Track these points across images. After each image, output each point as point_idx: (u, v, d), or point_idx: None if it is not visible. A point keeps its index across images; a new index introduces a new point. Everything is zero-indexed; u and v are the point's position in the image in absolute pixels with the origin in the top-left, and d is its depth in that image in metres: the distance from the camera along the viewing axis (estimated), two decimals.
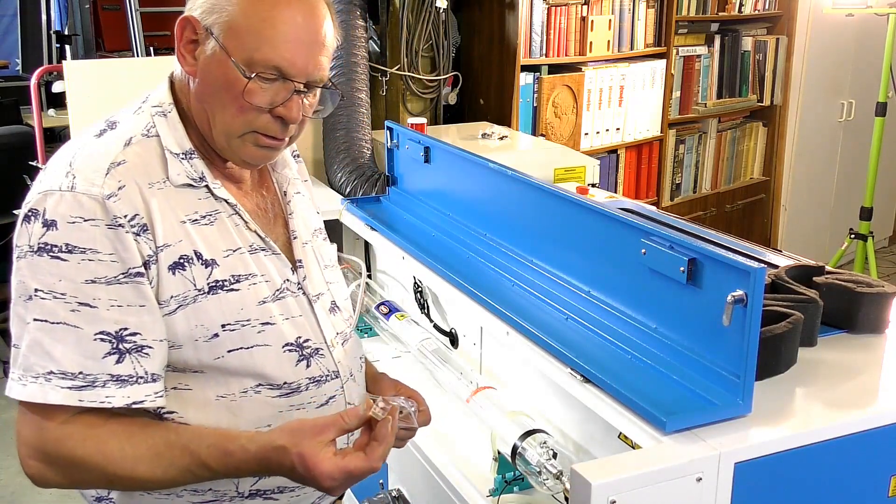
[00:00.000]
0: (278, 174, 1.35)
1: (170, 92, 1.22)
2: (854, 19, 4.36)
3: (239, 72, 1.13)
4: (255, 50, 1.12)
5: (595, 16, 3.52)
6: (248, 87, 1.13)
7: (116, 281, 1.07)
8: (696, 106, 4.17)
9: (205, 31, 1.15)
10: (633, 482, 1.01)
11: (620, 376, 1.23)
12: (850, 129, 5.01)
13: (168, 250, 1.12)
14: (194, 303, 1.13)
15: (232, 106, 1.15)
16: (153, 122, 1.19)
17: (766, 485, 1.10)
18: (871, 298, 1.39)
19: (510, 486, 1.49)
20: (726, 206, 4.47)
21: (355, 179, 2.68)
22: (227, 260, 1.17)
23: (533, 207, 1.62)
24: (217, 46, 1.14)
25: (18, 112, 4.83)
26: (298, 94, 1.16)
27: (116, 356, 1.06)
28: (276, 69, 1.13)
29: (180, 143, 1.19)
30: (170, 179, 1.15)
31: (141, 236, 1.09)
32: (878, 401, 1.22)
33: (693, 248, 1.19)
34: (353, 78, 2.82)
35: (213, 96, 1.17)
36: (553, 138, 3.41)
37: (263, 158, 1.23)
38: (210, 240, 1.17)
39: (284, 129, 1.18)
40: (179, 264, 1.13)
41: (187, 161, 1.18)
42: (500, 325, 1.50)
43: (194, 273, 1.14)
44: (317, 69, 1.17)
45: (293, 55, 1.14)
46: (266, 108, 1.15)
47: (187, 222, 1.15)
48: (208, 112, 1.18)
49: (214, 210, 1.19)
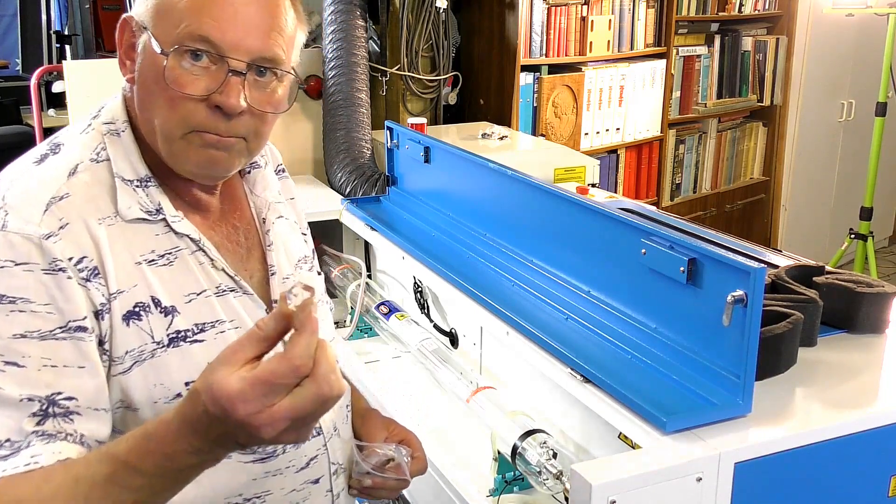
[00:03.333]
0: (257, 197, 1.16)
1: (123, 106, 1.05)
2: (854, 19, 4.36)
3: (161, 54, 0.96)
4: (181, 23, 0.95)
5: (595, 16, 3.52)
6: (168, 68, 0.95)
7: (52, 336, 0.90)
8: (696, 106, 4.17)
9: (140, 27, 1.00)
10: (633, 482, 1.01)
11: (620, 376, 1.23)
12: (850, 129, 5.01)
13: (122, 297, 0.96)
14: (152, 358, 0.97)
15: (163, 100, 0.97)
16: (104, 143, 1.02)
17: (766, 485, 1.10)
18: (871, 298, 1.39)
19: (510, 486, 1.49)
20: (726, 206, 4.47)
21: (355, 179, 2.68)
22: (189, 306, 1.01)
23: (533, 207, 1.62)
24: (148, 37, 0.98)
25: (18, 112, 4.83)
26: (237, 75, 0.96)
27: (41, 418, 0.88)
28: (203, 40, 0.95)
29: (134, 169, 1.01)
30: (119, 213, 0.98)
31: (91, 282, 0.93)
32: (878, 401, 1.22)
33: (693, 248, 1.19)
34: (353, 78, 2.82)
35: (148, 97, 1.00)
36: (553, 138, 3.41)
37: (212, 163, 1.01)
38: (169, 283, 1.00)
39: (228, 125, 0.98)
40: (135, 313, 0.96)
41: (142, 190, 1.01)
42: (500, 325, 1.50)
43: (152, 323, 0.97)
44: (265, 47, 0.97)
45: (225, 25, 0.95)
46: (198, 95, 0.96)
47: (143, 263, 0.98)
48: (150, 119, 1.00)
49: (174, 247, 1.02)
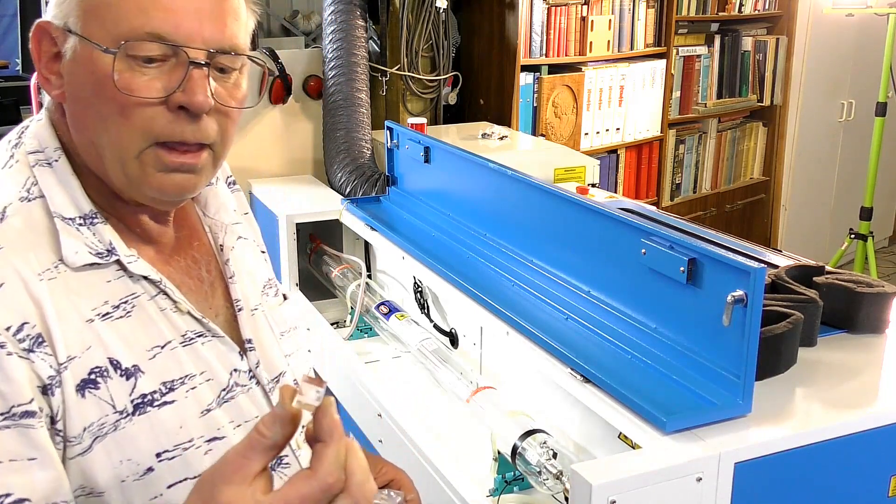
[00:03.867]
0: (211, 220, 1.01)
1: (52, 130, 0.88)
2: (854, 19, 4.36)
3: (105, 56, 0.81)
4: (121, 20, 0.81)
5: (595, 16, 3.51)
6: (117, 70, 0.81)
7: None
8: (696, 106, 4.17)
9: (62, 31, 0.84)
10: (633, 482, 1.01)
11: (620, 376, 1.23)
12: (850, 129, 5.01)
13: (74, 365, 0.80)
14: (115, 431, 0.82)
15: (111, 112, 0.82)
16: (34, 178, 0.85)
17: (766, 485, 1.10)
18: (871, 298, 1.39)
19: (510, 486, 1.49)
20: (726, 206, 4.46)
21: (355, 179, 2.68)
22: (154, 363, 0.85)
23: (533, 207, 1.62)
24: (78, 41, 0.83)
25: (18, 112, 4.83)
26: (199, 68, 0.83)
27: None
28: (155, 37, 0.81)
29: (76, 204, 0.85)
30: (65, 261, 0.82)
31: (35, 353, 0.77)
32: (878, 401, 1.22)
33: (693, 248, 1.19)
34: (353, 78, 2.82)
35: (89, 113, 0.84)
36: (553, 138, 3.41)
37: (178, 189, 0.87)
38: (129, 338, 0.84)
39: (195, 128, 0.84)
40: (91, 381, 0.81)
41: (87, 228, 0.85)
42: (500, 325, 1.50)
43: (112, 390, 0.82)
44: (222, 34, 0.85)
45: (176, 14, 0.82)
46: (157, 97, 0.82)
47: (96, 319, 0.83)
48: (93, 140, 0.84)
49: (130, 294, 0.86)
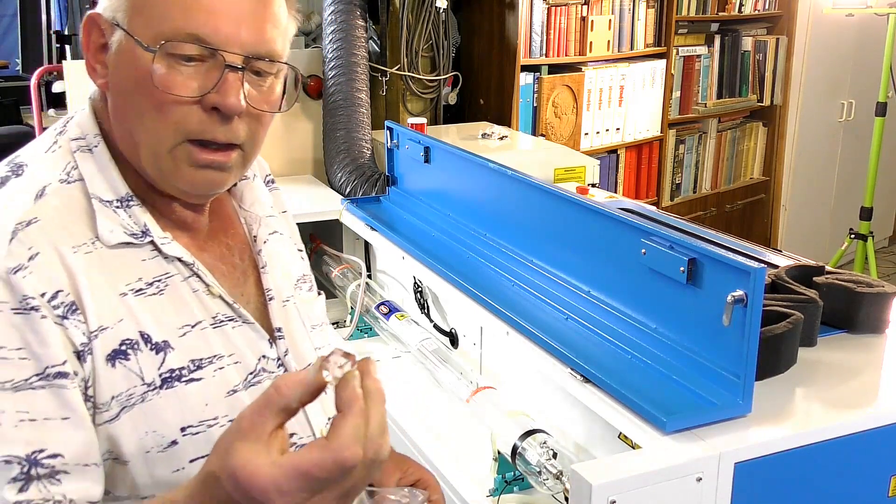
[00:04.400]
0: (247, 213, 1.05)
1: (93, 118, 0.93)
2: (854, 19, 4.36)
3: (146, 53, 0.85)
4: (164, 19, 0.85)
5: (595, 16, 3.51)
6: (155, 69, 0.84)
7: (28, 385, 0.78)
8: (696, 106, 4.17)
9: (110, 24, 0.88)
10: (633, 482, 1.01)
11: (620, 376, 1.23)
12: (850, 129, 5.01)
13: (105, 335, 0.84)
14: (143, 402, 0.85)
15: (149, 107, 0.86)
16: (74, 162, 0.90)
17: (766, 485, 1.10)
18: (871, 298, 1.39)
19: (510, 486, 1.49)
20: (726, 206, 4.46)
21: (355, 179, 2.68)
22: (183, 340, 0.89)
23: (533, 207, 1.62)
24: (123, 35, 0.87)
25: (18, 112, 4.83)
26: (235, 71, 0.86)
27: (22, 482, 0.76)
28: (194, 37, 0.85)
29: (113, 187, 0.90)
30: (101, 238, 0.87)
31: (69, 320, 0.81)
32: (878, 401, 1.22)
33: (693, 248, 1.19)
34: (353, 78, 2.82)
35: (128, 105, 0.88)
36: (553, 138, 3.41)
37: (208, 184, 0.91)
38: (160, 315, 0.88)
39: (227, 128, 0.88)
40: (121, 353, 0.84)
41: (124, 210, 0.89)
42: (500, 325, 1.50)
43: (141, 362, 0.85)
44: (260, 40, 0.88)
45: (217, 18, 0.85)
46: (192, 96, 0.86)
47: (129, 294, 0.87)
48: (130, 131, 0.89)
49: (164, 273, 0.90)
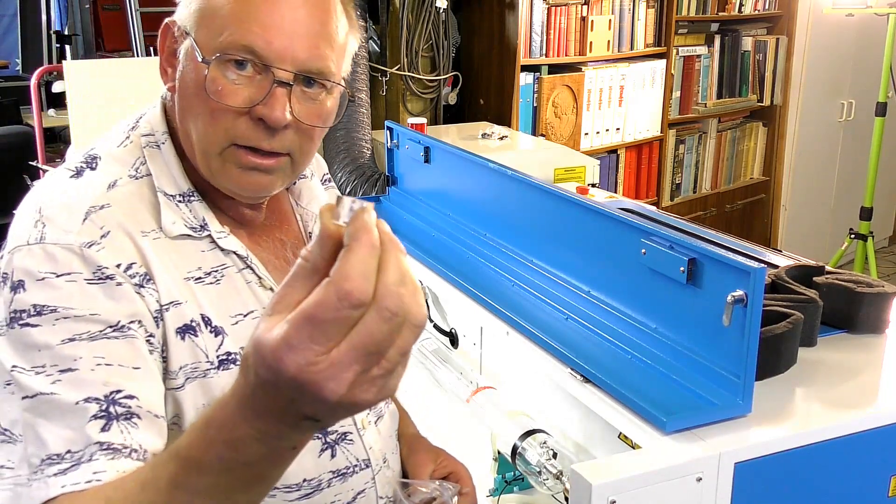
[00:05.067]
0: (303, 210, 1.11)
1: (163, 116, 1.00)
2: (854, 19, 4.36)
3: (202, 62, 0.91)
4: (223, 31, 0.90)
5: (595, 16, 3.52)
6: (209, 77, 0.90)
7: (103, 335, 0.84)
8: (696, 106, 4.17)
9: (181, 31, 0.95)
10: (633, 482, 1.01)
11: (620, 376, 1.23)
12: (850, 129, 5.01)
13: (175, 310, 0.91)
14: (204, 377, 0.92)
15: (202, 111, 0.92)
16: (143, 157, 0.97)
17: (766, 485, 1.10)
18: (871, 298, 1.39)
19: (510, 486, 1.49)
20: (726, 206, 4.47)
21: (355, 179, 2.68)
22: (236, 328, 0.95)
23: (533, 207, 1.62)
24: (190, 44, 0.93)
25: (18, 112, 4.83)
26: (283, 86, 0.91)
27: (104, 421, 0.80)
28: (248, 50, 0.89)
29: (177, 183, 0.97)
30: (163, 229, 0.94)
31: (144, 288, 0.88)
32: (878, 401, 1.21)
33: (693, 248, 1.19)
34: (353, 78, 2.82)
35: (188, 108, 0.94)
36: (553, 138, 3.41)
37: (254, 186, 0.96)
38: (217, 302, 0.95)
39: (270, 138, 0.92)
40: (190, 328, 0.92)
41: (185, 205, 0.96)
42: (500, 325, 1.50)
43: (205, 342, 0.92)
44: (312, 58, 0.91)
45: (271, 33, 0.89)
46: (240, 106, 0.91)
47: (191, 280, 0.94)
48: (188, 132, 0.96)
49: (221, 265, 0.97)
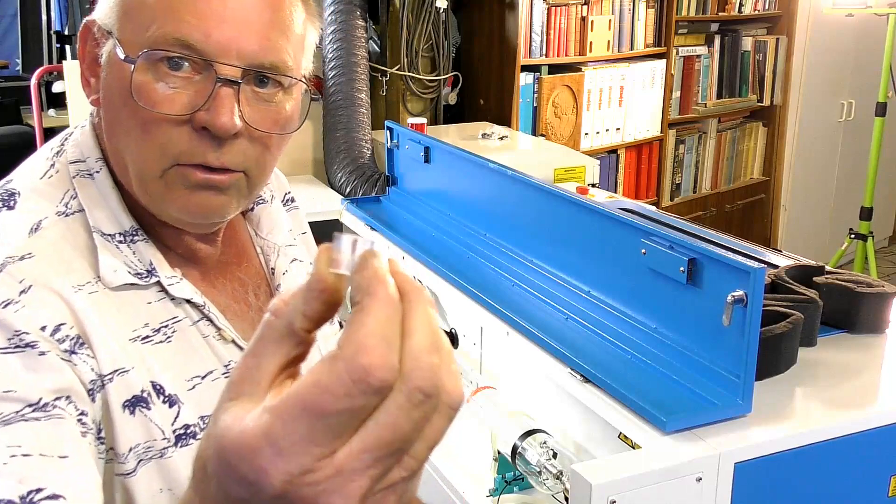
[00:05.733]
0: (264, 241, 0.94)
1: (94, 138, 0.83)
2: (854, 19, 4.36)
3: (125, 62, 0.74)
4: (152, 23, 0.74)
5: (595, 16, 3.51)
6: (136, 81, 0.73)
7: (20, 418, 0.66)
8: (696, 106, 4.17)
9: (103, 31, 0.79)
10: (633, 482, 1.01)
11: (620, 376, 1.23)
12: (850, 129, 5.01)
13: (121, 380, 0.74)
14: (161, 458, 0.76)
15: (133, 125, 0.75)
16: (73, 190, 0.80)
17: (766, 485, 1.10)
18: (871, 298, 1.39)
19: (510, 486, 1.49)
20: (726, 206, 4.46)
21: (355, 179, 2.68)
22: (193, 394, 0.79)
23: (533, 207, 1.62)
24: (114, 44, 0.76)
25: (18, 112, 4.83)
26: (229, 86, 0.74)
27: None
28: (182, 44, 0.73)
29: (116, 219, 0.80)
30: (102, 279, 0.76)
31: (77, 354, 0.71)
32: (878, 401, 1.22)
33: (693, 248, 1.19)
34: (353, 78, 2.82)
35: (116, 123, 0.77)
36: (553, 138, 3.41)
37: (205, 209, 0.79)
38: (170, 364, 0.79)
39: (218, 150, 0.75)
40: (141, 400, 0.75)
41: (128, 246, 0.79)
42: (500, 325, 1.50)
43: (160, 415, 0.76)
44: (263, 49, 0.76)
45: (210, 22, 0.73)
46: (177, 114, 0.74)
47: (137, 340, 0.77)
48: (120, 154, 0.78)
49: (172, 318, 0.80)
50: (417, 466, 0.41)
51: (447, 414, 0.42)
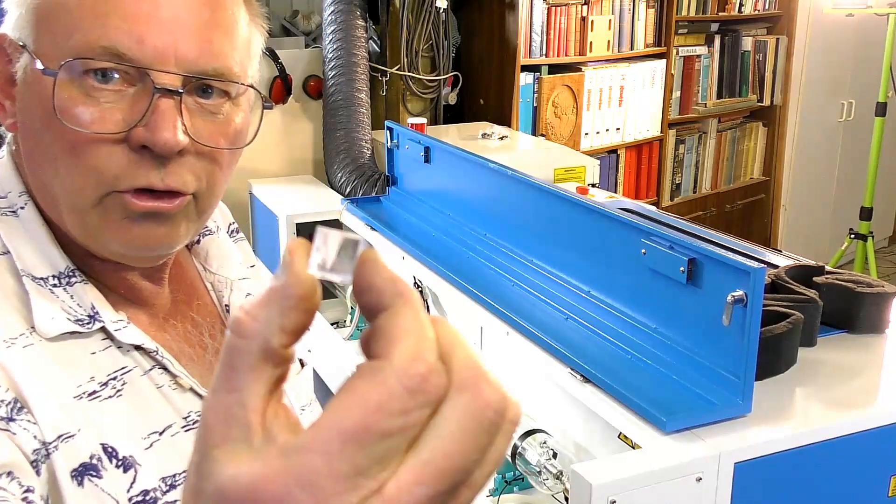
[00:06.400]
0: (213, 276, 0.85)
1: (15, 170, 0.73)
2: (854, 19, 4.36)
3: (47, 78, 0.65)
4: (75, 31, 0.65)
5: (595, 16, 3.51)
6: (59, 96, 0.64)
7: None
8: (696, 106, 4.17)
9: (15, 45, 0.69)
10: (633, 482, 1.01)
11: (620, 376, 1.23)
12: (850, 129, 5.01)
13: (67, 446, 0.65)
14: None
15: (60, 149, 0.66)
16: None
17: (766, 485, 1.10)
18: (871, 298, 1.39)
19: (510, 486, 1.49)
20: (726, 206, 4.46)
21: (355, 179, 2.68)
22: (150, 453, 0.69)
23: (533, 207, 1.62)
24: (29, 59, 0.68)
25: None
26: (169, 96, 0.66)
27: None
28: (111, 52, 0.64)
29: (48, 260, 0.70)
30: (37, 329, 0.67)
31: (15, 422, 0.62)
32: (878, 401, 1.22)
33: (693, 248, 1.19)
34: (353, 78, 2.82)
35: (38, 150, 0.68)
36: (553, 138, 3.41)
37: (150, 241, 0.70)
38: (121, 423, 0.69)
39: (161, 171, 0.66)
40: (90, 468, 0.66)
41: (63, 289, 0.69)
42: (500, 325, 1.50)
43: (112, 482, 0.67)
44: (205, 54, 0.67)
45: (142, 26, 0.65)
46: (111, 132, 0.65)
47: (83, 398, 0.67)
48: (45, 184, 0.69)
49: (120, 368, 0.71)
50: (473, 497, 0.34)
51: (510, 432, 0.35)
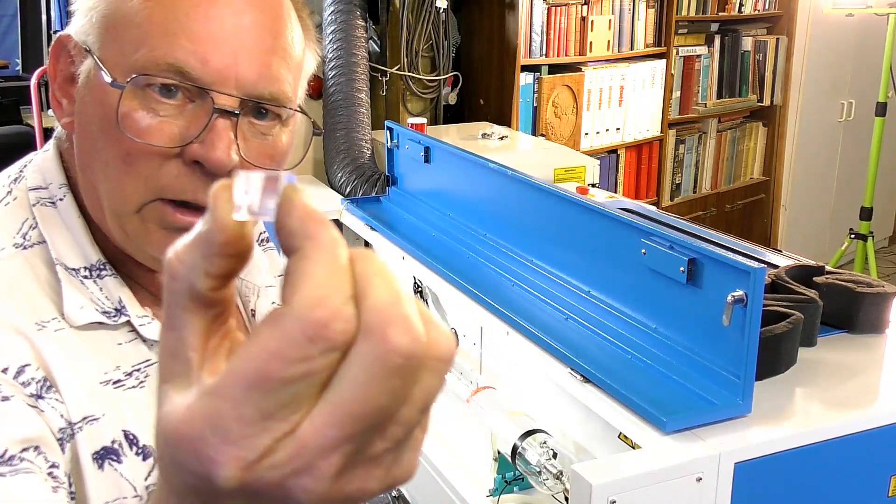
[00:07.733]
0: (241, 281, 0.87)
1: (59, 163, 0.76)
2: (854, 19, 4.36)
3: (113, 89, 0.67)
4: (141, 44, 0.67)
5: (595, 16, 3.52)
6: (123, 108, 0.67)
7: None
8: (696, 106, 4.17)
9: (80, 49, 0.72)
10: (633, 482, 1.01)
11: (620, 376, 1.23)
12: (850, 129, 5.01)
13: (91, 429, 0.67)
14: None
15: (114, 156, 0.68)
16: (34, 219, 0.73)
17: (766, 485, 1.10)
18: (871, 298, 1.39)
19: (510, 486, 1.49)
20: (726, 206, 4.47)
21: (355, 179, 2.68)
22: None
23: (533, 207, 1.62)
24: (93, 64, 0.70)
25: (18, 112, 4.83)
26: (226, 117, 0.68)
27: None
28: (176, 70, 0.67)
29: (82, 252, 0.73)
30: (66, 317, 0.69)
31: (44, 399, 0.65)
32: (878, 401, 1.22)
33: (693, 248, 1.19)
34: (353, 78, 2.82)
35: (92, 152, 0.71)
36: (553, 138, 3.41)
37: None
38: (143, 413, 0.71)
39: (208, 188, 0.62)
40: (111, 452, 0.68)
41: (94, 282, 0.72)
42: (500, 325, 1.50)
43: (131, 468, 0.69)
44: (263, 78, 0.70)
45: (207, 47, 0.67)
46: (168, 146, 0.68)
47: (108, 384, 0.70)
48: (94, 185, 0.72)
49: (144, 360, 0.74)
50: (404, 433, 0.35)
51: (437, 369, 0.35)
